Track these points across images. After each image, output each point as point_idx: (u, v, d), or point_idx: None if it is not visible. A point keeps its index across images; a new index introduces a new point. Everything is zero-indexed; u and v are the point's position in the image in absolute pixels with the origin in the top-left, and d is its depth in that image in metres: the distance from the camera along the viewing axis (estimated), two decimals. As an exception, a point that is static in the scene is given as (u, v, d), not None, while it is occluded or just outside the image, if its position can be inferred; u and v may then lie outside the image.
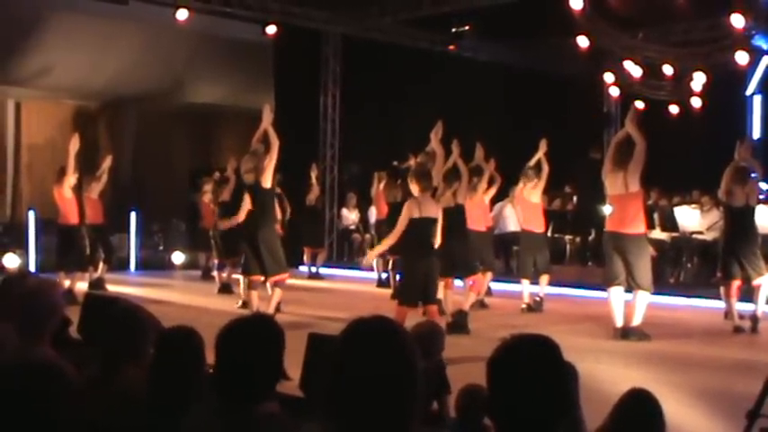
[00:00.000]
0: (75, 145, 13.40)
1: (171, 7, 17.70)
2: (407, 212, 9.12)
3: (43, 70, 19.78)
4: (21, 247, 17.60)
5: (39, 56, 19.32)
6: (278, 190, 12.57)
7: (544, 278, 13.27)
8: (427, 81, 19.83)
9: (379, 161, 16.19)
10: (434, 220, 9.23)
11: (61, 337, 4.34)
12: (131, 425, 3.62)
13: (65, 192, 13.53)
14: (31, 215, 17.42)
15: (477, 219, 12.64)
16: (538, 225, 13.35)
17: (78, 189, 14.24)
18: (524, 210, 13.40)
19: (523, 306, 12.98)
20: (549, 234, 14.55)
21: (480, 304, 12.86)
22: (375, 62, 19.48)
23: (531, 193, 13.11)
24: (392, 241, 9.29)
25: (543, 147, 13.14)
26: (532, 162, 13.12)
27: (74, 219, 13.73)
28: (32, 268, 16.94)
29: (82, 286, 13.37)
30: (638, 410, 3.85)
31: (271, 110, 11.07)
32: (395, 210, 14.02)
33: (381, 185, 14.49)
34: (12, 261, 17.38)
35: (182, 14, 17.72)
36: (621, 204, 10.38)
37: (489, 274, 13.29)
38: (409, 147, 14.45)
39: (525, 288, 13.14)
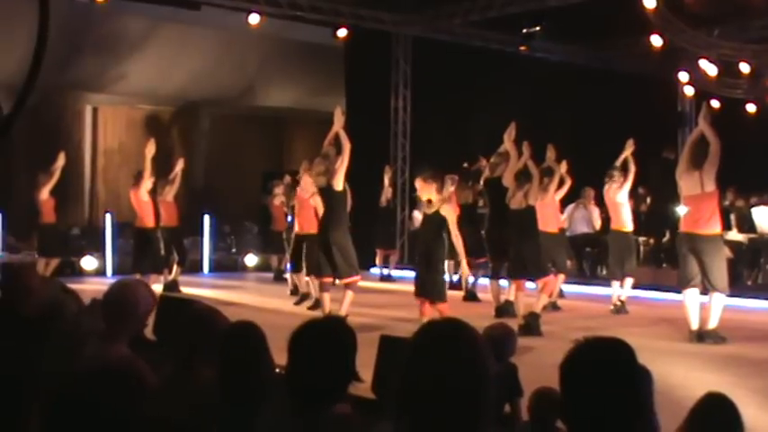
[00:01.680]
0: (151, 150, 13.67)
1: (243, 12, 17.90)
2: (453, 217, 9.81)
3: (119, 76, 20.17)
4: (98, 249, 17.96)
5: (115, 62, 19.70)
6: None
7: (628, 280, 13.15)
8: (498, 82, 19.72)
9: (451, 163, 16.14)
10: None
11: (137, 338, 4.41)
12: (205, 424, 3.67)
13: (141, 195, 13.81)
14: (108, 218, 17.76)
15: (549, 220, 12.58)
16: (626, 224, 13.19)
17: (153, 193, 14.52)
18: (612, 210, 13.28)
19: (612, 307, 12.90)
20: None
21: (553, 306, 12.80)
22: (445, 63, 19.44)
23: (617, 192, 13.00)
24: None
25: (630, 146, 13.01)
26: (618, 162, 13.02)
27: (150, 222, 13.98)
28: (109, 271, 17.29)
29: (157, 288, 13.57)
30: (715, 416, 3.77)
31: (342, 112, 11.12)
32: (466, 212, 14.03)
33: (452, 187, 14.45)
34: (89, 263, 17.74)
35: (253, 19, 17.91)
36: (696, 204, 10.22)
37: (562, 276, 13.20)
38: (480, 148, 14.40)
39: (615, 289, 13.06)
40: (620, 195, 13.02)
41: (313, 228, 11.97)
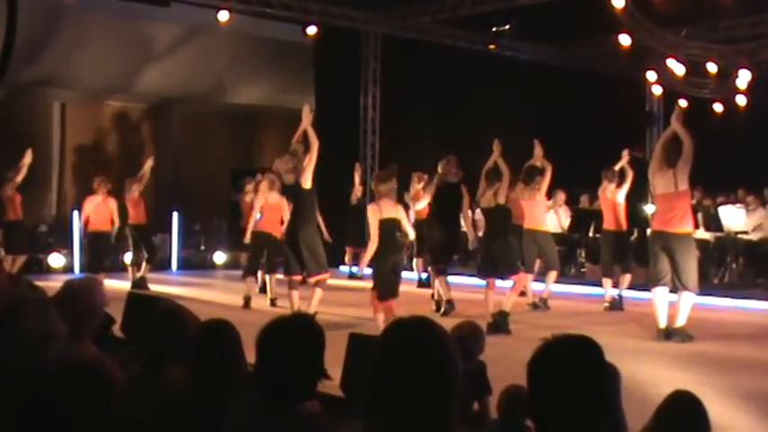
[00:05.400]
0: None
1: (212, 9, 17.82)
2: (373, 217, 9.99)
3: (87, 72, 20.00)
4: (65, 247, 17.82)
5: (83, 58, 19.53)
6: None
7: (626, 278, 13.25)
8: (467, 81, 19.77)
9: (420, 161, 16.16)
10: (396, 221, 9.92)
11: (105, 336, 4.38)
12: (174, 423, 3.65)
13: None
14: (76, 215, 17.62)
15: (542, 218, 12.94)
16: (621, 224, 13.27)
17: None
18: (607, 209, 13.33)
19: (606, 304, 13.00)
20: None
21: (544, 303, 13.01)
22: (415, 62, 19.46)
23: (616, 193, 13.09)
24: (374, 246, 10.04)
25: (626, 156, 13.26)
26: (617, 167, 13.15)
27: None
28: (77, 268, 17.16)
29: (125, 285, 13.51)
30: (681, 413, 3.80)
31: (310, 110, 11.09)
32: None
33: (420, 185, 14.47)
34: (57, 261, 17.60)
35: (223, 16, 17.84)
36: (669, 203, 10.27)
37: (554, 273, 13.31)
38: (449, 146, 14.40)
39: (607, 288, 13.14)
40: (619, 195, 13.11)
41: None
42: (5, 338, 3.43)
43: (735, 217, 15.97)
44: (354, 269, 17.87)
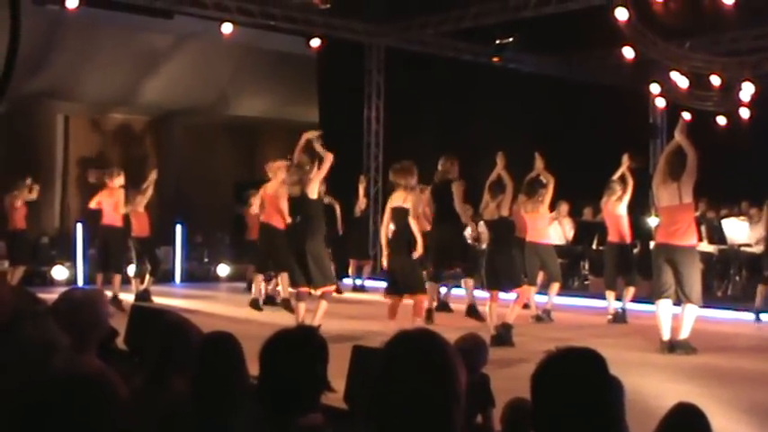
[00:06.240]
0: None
1: (216, 21, 17.86)
2: (387, 206, 10.96)
3: (91, 85, 20.05)
4: (69, 259, 17.82)
5: (86, 71, 19.58)
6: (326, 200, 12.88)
7: (630, 291, 13.22)
8: (471, 93, 19.79)
9: (424, 173, 16.15)
10: (400, 210, 10.63)
11: (108, 348, 4.38)
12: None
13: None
14: (80, 227, 17.63)
15: (544, 231, 12.94)
16: (626, 237, 13.25)
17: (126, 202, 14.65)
18: (611, 222, 13.31)
19: (609, 317, 12.96)
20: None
21: (547, 315, 13.03)
22: (418, 74, 19.49)
23: (616, 205, 13.05)
24: (383, 233, 11.09)
25: (626, 161, 13.16)
26: (616, 176, 13.11)
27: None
28: (80, 280, 17.15)
29: (128, 298, 13.50)
30: (685, 425, 3.79)
31: (318, 134, 11.21)
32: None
33: (423, 196, 14.46)
34: (60, 273, 17.60)
35: (226, 28, 17.86)
36: (673, 216, 10.27)
37: (556, 286, 13.30)
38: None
39: (610, 301, 13.11)
40: (619, 208, 13.07)
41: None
42: (8, 350, 3.43)
43: (738, 230, 15.95)
44: (358, 281, 17.90)
